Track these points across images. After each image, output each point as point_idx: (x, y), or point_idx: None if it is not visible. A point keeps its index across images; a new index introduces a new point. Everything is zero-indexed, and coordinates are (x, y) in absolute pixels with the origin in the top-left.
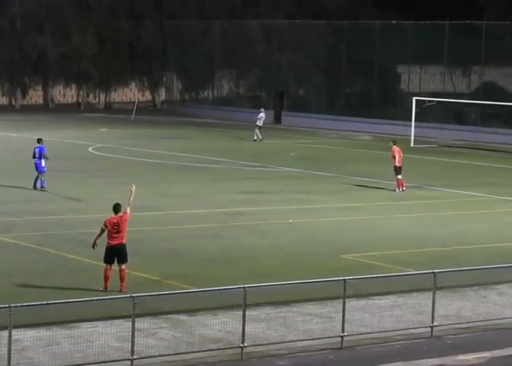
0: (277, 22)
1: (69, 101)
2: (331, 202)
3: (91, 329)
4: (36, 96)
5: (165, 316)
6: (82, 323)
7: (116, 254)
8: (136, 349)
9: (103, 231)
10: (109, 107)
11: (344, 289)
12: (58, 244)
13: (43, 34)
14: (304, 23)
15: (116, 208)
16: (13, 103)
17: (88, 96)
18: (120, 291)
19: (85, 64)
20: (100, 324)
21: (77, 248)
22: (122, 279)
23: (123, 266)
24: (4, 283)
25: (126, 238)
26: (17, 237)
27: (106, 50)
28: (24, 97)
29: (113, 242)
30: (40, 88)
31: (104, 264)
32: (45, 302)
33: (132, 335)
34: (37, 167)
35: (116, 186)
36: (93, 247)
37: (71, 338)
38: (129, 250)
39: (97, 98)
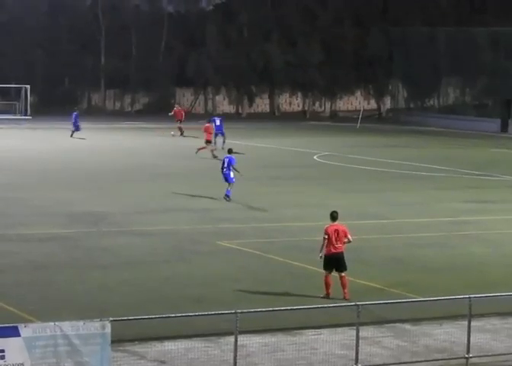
0: (505, 29)
1: (295, 110)
2: None
3: (316, 337)
4: (262, 104)
5: (389, 324)
6: (307, 330)
7: (334, 262)
8: (360, 357)
9: (324, 240)
10: (334, 116)
11: None
12: (282, 251)
13: (270, 42)
14: None
15: (334, 215)
16: (239, 111)
17: (313, 104)
18: (344, 299)
19: (311, 72)
20: (325, 331)
21: (301, 255)
22: (344, 286)
23: (343, 273)
24: (231, 289)
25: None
26: (243, 244)
27: (331, 58)
28: (250, 105)
29: (333, 251)
30: (266, 96)
31: (324, 272)
32: (270, 308)
33: (357, 343)
34: (227, 177)
35: (338, 194)
36: (320, 258)
37: (295, 345)
38: (353, 257)
39: (323, 107)
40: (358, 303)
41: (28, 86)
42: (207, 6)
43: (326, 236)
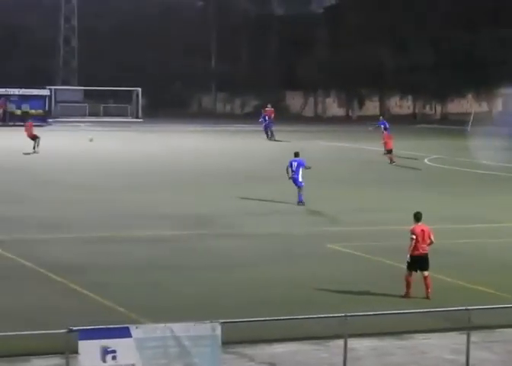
0: None
1: (405, 112)
2: None
3: (425, 341)
4: (372, 107)
5: (500, 329)
6: (416, 334)
7: (420, 262)
8: (470, 362)
9: (413, 240)
10: (445, 118)
11: None
12: (390, 254)
13: (380, 45)
14: None
15: (418, 216)
16: (349, 114)
17: (424, 107)
18: (427, 298)
19: (421, 75)
20: (434, 336)
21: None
22: (427, 286)
23: (426, 273)
24: (340, 292)
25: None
26: (351, 246)
27: (442, 61)
28: (360, 107)
29: (421, 251)
30: (376, 98)
31: (406, 271)
32: (379, 312)
33: (468, 348)
34: (295, 182)
35: (447, 197)
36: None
37: (405, 349)
38: (462, 261)
39: (433, 109)
40: (468, 307)
41: (140, 89)
42: (317, 9)
43: (414, 237)
